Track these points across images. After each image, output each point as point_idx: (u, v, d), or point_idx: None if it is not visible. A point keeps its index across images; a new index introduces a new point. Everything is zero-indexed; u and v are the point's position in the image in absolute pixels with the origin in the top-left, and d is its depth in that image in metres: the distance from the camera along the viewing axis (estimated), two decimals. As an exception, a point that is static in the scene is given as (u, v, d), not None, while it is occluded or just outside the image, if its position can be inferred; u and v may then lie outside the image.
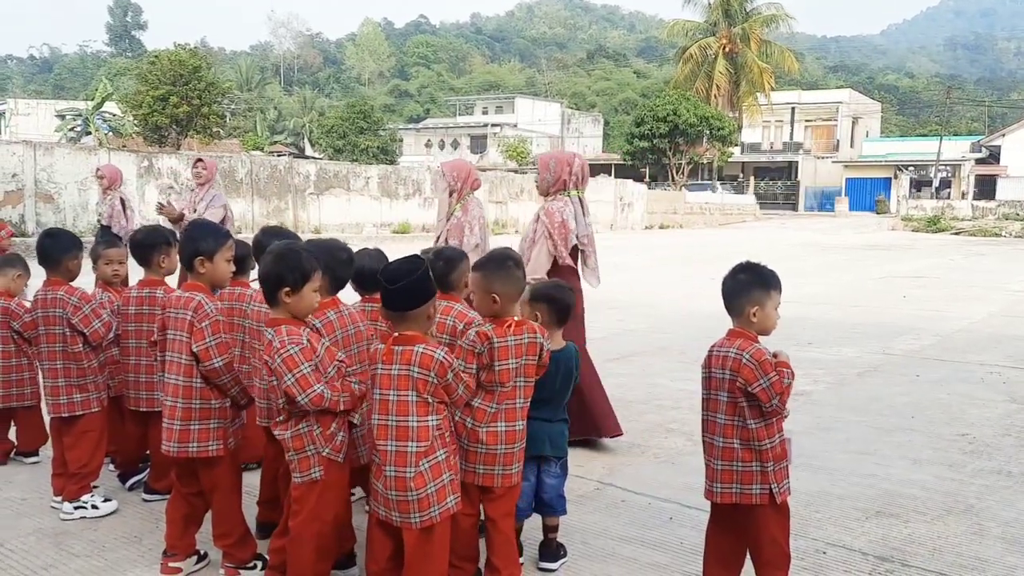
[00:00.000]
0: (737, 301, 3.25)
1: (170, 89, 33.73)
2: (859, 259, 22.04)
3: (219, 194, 7.69)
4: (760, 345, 3.19)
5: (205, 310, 3.37)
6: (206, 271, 3.47)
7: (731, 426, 3.21)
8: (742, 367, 3.12)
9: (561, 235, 5.12)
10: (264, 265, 3.10)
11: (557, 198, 5.21)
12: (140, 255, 4.14)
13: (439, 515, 2.94)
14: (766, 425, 3.18)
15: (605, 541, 3.93)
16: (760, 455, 3.17)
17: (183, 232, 3.56)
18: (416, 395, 2.90)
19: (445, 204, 5.36)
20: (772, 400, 3.11)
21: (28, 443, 4.93)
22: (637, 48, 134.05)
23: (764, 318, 3.22)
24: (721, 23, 53.04)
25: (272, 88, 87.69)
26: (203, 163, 7.74)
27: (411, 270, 2.91)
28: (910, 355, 8.67)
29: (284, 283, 3.02)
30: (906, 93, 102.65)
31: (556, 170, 5.19)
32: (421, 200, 29.36)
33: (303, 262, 3.06)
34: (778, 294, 3.26)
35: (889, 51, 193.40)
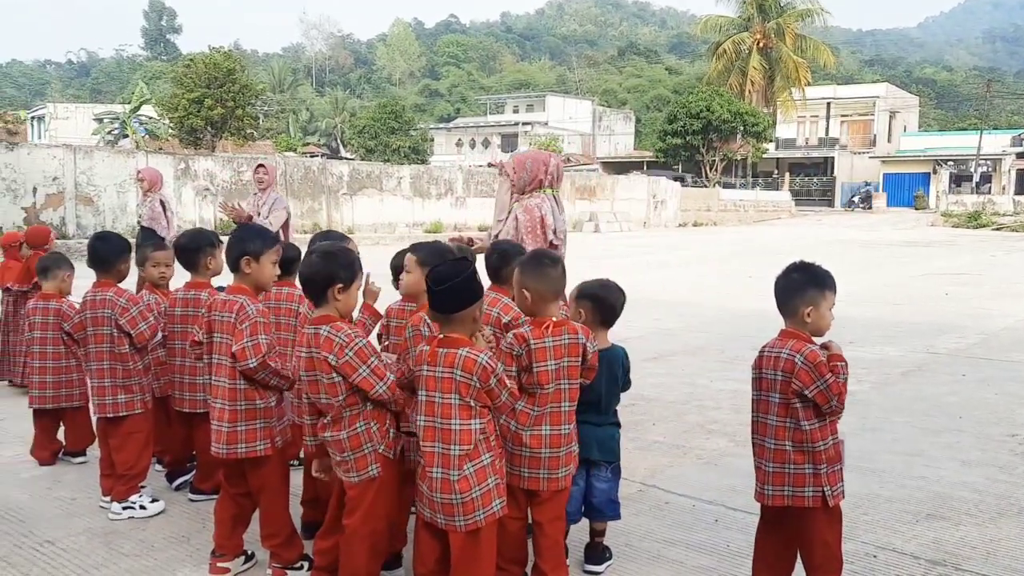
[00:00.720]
0: (791, 301, 3.19)
1: (205, 92, 34.10)
2: (899, 256, 21.71)
3: (280, 197, 7.89)
4: (814, 346, 3.13)
5: (246, 311, 3.39)
6: (251, 272, 3.49)
7: (783, 428, 3.16)
8: (797, 370, 3.07)
9: (541, 231, 5.13)
10: (311, 264, 3.11)
11: (533, 195, 5.21)
12: (187, 258, 4.18)
13: (484, 519, 2.93)
14: (820, 427, 3.13)
15: (650, 544, 3.89)
16: (813, 457, 3.12)
17: (232, 233, 3.58)
18: (459, 398, 2.89)
19: (505, 204, 5.37)
20: (831, 402, 3.06)
21: (76, 443, 5.00)
22: (668, 44, 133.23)
23: (818, 318, 3.17)
24: (755, 18, 52.49)
25: (304, 89, 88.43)
26: (264, 168, 7.92)
27: (457, 272, 2.89)
28: (955, 354, 8.51)
29: (336, 280, 3.06)
30: (944, 87, 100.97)
31: (533, 169, 5.21)
32: (453, 199, 29.44)
33: (353, 260, 3.12)
34: (832, 294, 3.20)
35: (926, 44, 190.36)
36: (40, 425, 4.95)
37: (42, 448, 4.94)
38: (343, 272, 3.08)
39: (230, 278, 3.64)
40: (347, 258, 3.12)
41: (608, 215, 34.16)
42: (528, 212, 5.03)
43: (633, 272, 15.89)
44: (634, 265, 18.46)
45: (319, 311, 3.13)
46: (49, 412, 4.91)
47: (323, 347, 3.03)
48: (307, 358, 3.10)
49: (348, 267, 3.10)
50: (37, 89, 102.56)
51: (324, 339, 3.04)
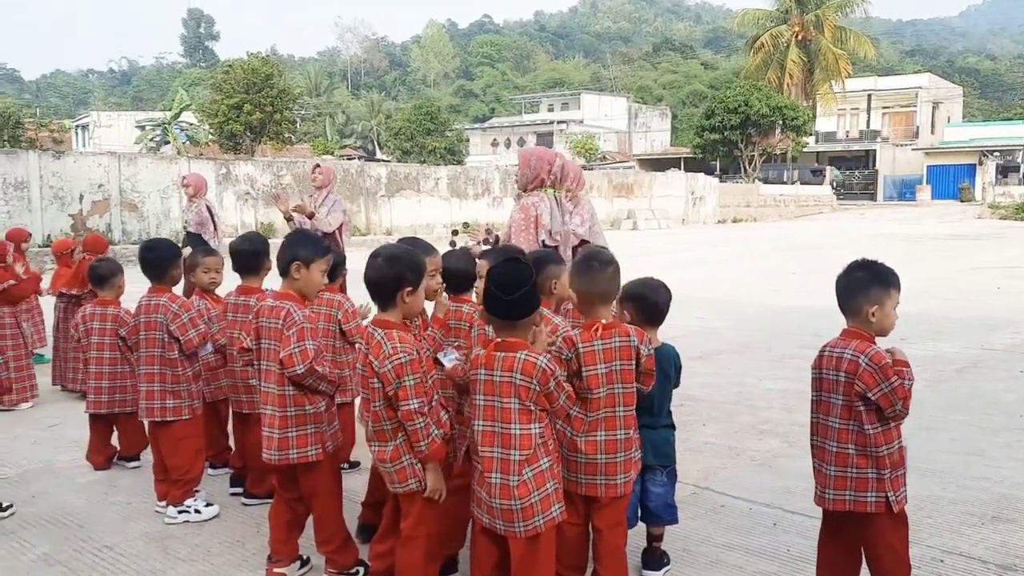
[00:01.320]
0: (854, 300, 3.11)
1: (244, 97, 34.51)
2: (946, 250, 21.26)
3: (338, 199, 7.84)
4: (878, 347, 3.05)
5: (293, 317, 3.38)
6: (300, 278, 3.48)
7: (846, 431, 3.08)
8: (861, 371, 2.99)
9: (533, 230, 5.04)
10: (378, 268, 3.09)
11: (533, 194, 5.14)
12: (246, 261, 4.22)
13: (543, 524, 2.89)
14: (884, 431, 3.04)
15: (708, 548, 3.83)
16: (877, 461, 3.03)
17: (285, 238, 3.58)
18: (518, 402, 2.86)
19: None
20: (895, 405, 2.97)
21: (129, 448, 5.07)
22: (704, 39, 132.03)
23: (883, 318, 3.08)
24: (793, 10, 51.79)
25: (340, 93, 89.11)
26: (320, 168, 7.91)
27: (525, 279, 2.86)
28: (1011, 350, 8.29)
29: (405, 283, 3.06)
30: (988, 76, 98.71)
31: (536, 167, 5.14)
32: (490, 199, 29.48)
33: (419, 263, 3.12)
34: (897, 292, 3.11)
35: (968, 33, 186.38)
36: (95, 430, 5.02)
37: (97, 453, 5.01)
38: (410, 275, 3.08)
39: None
40: (413, 260, 3.12)
41: (646, 212, 33.96)
42: (523, 211, 5.01)
43: (673, 269, 15.74)
44: (673, 262, 18.31)
45: (382, 314, 3.12)
46: (104, 417, 4.98)
47: (372, 349, 3.04)
48: (364, 354, 3.13)
49: (415, 269, 3.10)
50: (80, 98, 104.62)
51: (375, 342, 3.04)
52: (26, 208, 18.55)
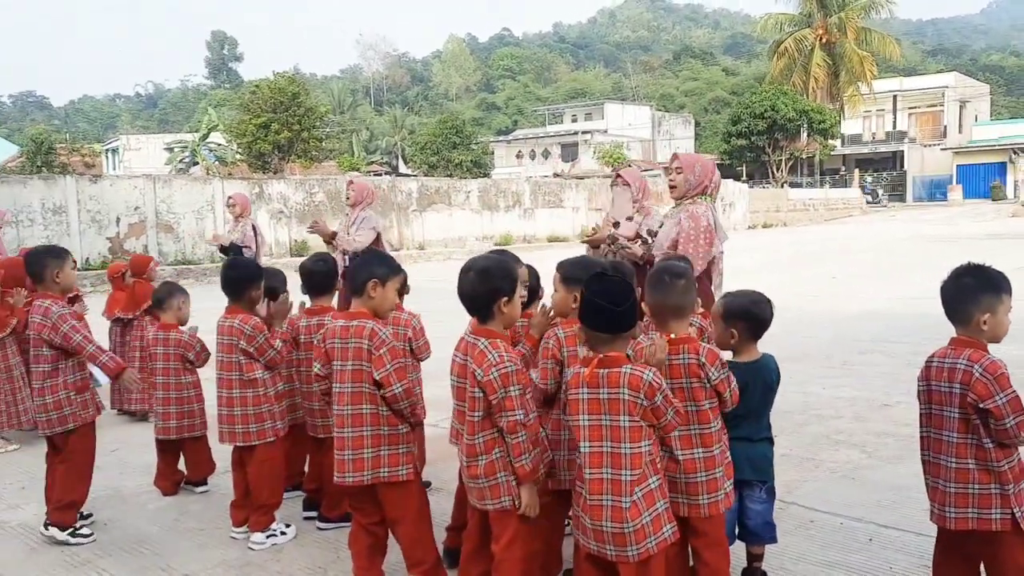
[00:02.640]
0: (964, 307, 2.97)
1: (271, 116, 34.78)
2: (988, 250, 20.85)
3: (370, 215, 7.51)
4: (994, 357, 2.91)
5: (380, 337, 3.31)
6: (376, 296, 3.42)
7: (965, 445, 2.94)
8: (974, 381, 2.85)
9: (707, 240, 4.86)
10: (471, 283, 3.06)
11: (697, 202, 4.94)
12: (319, 282, 4.21)
13: (656, 546, 2.78)
14: (1003, 444, 2.90)
15: (807, 566, 3.69)
16: (999, 476, 2.89)
17: (360, 257, 3.50)
18: (628, 419, 2.75)
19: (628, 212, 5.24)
20: (1006, 419, 2.82)
21: (197, 472, 5.01)
22: (723, 45, 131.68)
23: (996, 325, 2.94)
24: (816, 14, 51.43)
25: (363, 109, 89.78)
26: (353, 184, 7.74)
27: (629, 291, 2.77)
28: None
29: (501, 294, 3.03)
30: (1013, 73, 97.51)
31: (701, 174, 4.93)
32: (521, 211, 29.42)
33: (510, 271, 3.09)
34: (1009, 297, 2.97)
35: (991, 30, 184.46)
36: (163, 455, 4.97)
37: (165, 478, 4.96)
38: (505, 284, 3.05)
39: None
40: (504, 270, 3.08)
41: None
42: (694, 219, 4.81)
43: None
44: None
45: (482, 325, 3.08)
46: (172, 442, 4.92)
47: (475, 359, 2.98)
48: (460, 364, 3.07)
49: (507, 278, 3.07)
50: (108, 122, 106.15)
51: (479, 352, 2.98)
52: (64, 232, 18.72)
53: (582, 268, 3.33)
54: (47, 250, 4.32)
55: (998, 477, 2.89)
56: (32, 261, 4.28)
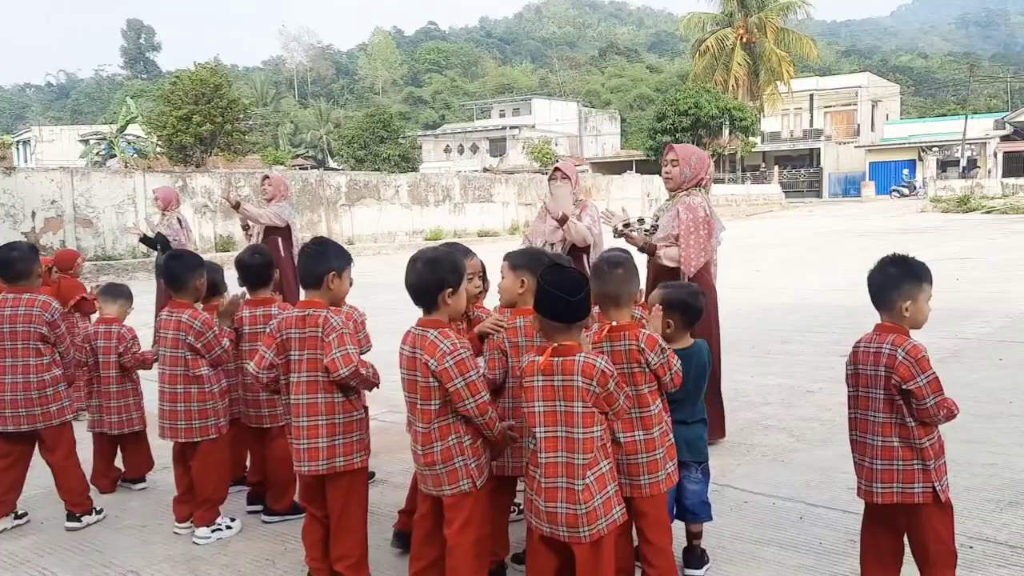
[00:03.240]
0: (888, 295, 3.16)
1: (193, 108, 34.00)
2: (898, 243, 21.77)
3: (286, 207, 7.62)
4: (916, 341, 3.11)
5: (332, 323, 3.35)
6: (335, 287, 3.45)
7: (889, 424, 3.13)
8: (897, 364, 3.05)
9: (707, 231, 4.96)
10: (418, 272, 3.11)
11: (692, 194, 5.02)
12: (255, 275, 4.18)
13: (607, 527, 2.89)
14: (924, 423, 3.11)
15: (742, 544, 3.86)
16: (921, 453, 3.09)
17: (310, 251, 3.50)
18: (582, 405, 2.85)
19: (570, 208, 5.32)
20: (927, 399, 3.03)
21: (136, 470, 4.94)
22: (647, 43, 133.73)
23: (917, 312, 3.14)
24: (737, 13, 52.73)
25: (287, 102, 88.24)
26: (269, 179, 7.71)
27: (584, 281, 2.88)
28: (984, 339, 8.53)
29: (446, 285, 3.08)
30: (921, 73, 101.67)
31: (696, 166, 5.02)
32: (451, 206, 29.42)
33: (458, 264, 3.15)
34: (930, 286, 3.17)
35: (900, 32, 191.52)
36: (101, 453, 4.88)
37: (102, 476, 4.87)
38: (451, 276, 3.11)
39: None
40: (451, 262, 3.14)
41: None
42: (692, 211, 4.89)
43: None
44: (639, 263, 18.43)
45: (428, 316, 3.13)
46: (112, 439, 4.84)
47: (426, 350, 3.03)
48: (409, 357, 3.11)
49: (454, 270, 3.13)
50: (17, 113, 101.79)
51: (429, 342, 3.03)
52: (-25, 227, 17.97)
53: (530, 256, 3.44)
54: None
55: (920, 453, 3.10)
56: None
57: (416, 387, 3.11)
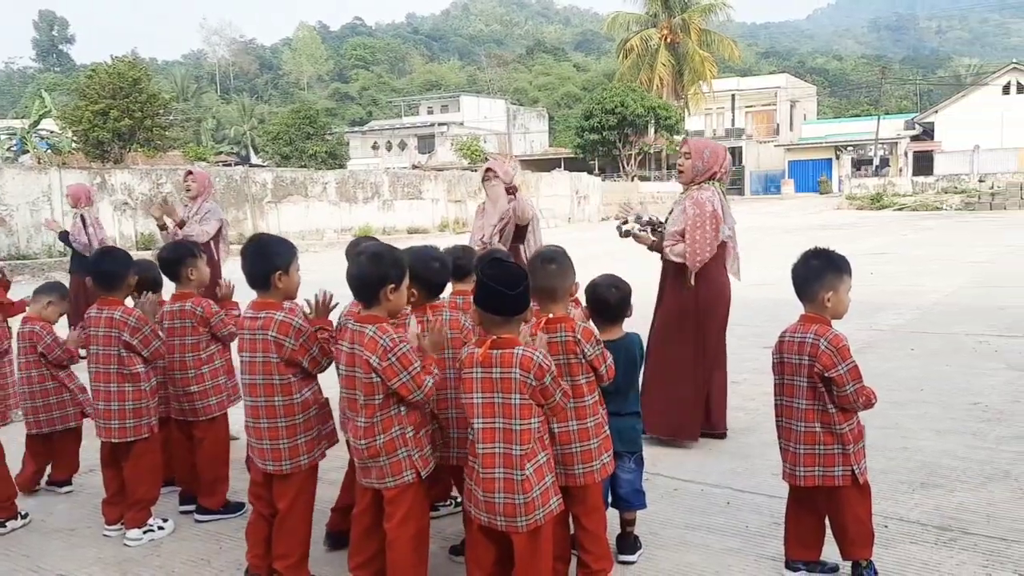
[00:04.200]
0: (810, 286, 3.32)
1: (110, 103, 32.89)
2: (817, 239, 22.28)
3: (214, 207, 7.32)
4: (837, 331, 3.27)
5: (294, 326, 3.34)
6: (283, 285, 3.43)
7: (812, 410, 3.30)
8: (820, 352, 3.20)
9: (713, 225, 4.95)
10: (361, 266, 3.11)
11: (703, 187, 5.03)
12: (169, 270, 4.19)
13: (544, 517, 2.96)
14: (844, 409, 3.28)
15: (673, 530, 3.99)
16: (841, 438, 3.26)
17: (250, 250, 3.46)
18: (520, 397, 2.91)
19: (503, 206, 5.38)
20: (847, 386, 3.19)
21: (64, 471, 4.82)
22: (574, 42, 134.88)
23: (838, 303, 3.31)
24: (661, 14, 53.60)
25: (209, 97, 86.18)
26: (192, 175, 7.44)
27: (523, 276, 2.94)
28: (897, 330, 8.92)
29: (389, 280, 3.08)
30: (836, 75, 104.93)
31: (709, 160, 5.01)
32: (380, 203, 29.21)
33: (401, 260, 3.15)
34: (849, 278, 3.34)
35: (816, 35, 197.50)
36: (32, 453, 4.75)
37: (29, 477, 4.73)
38: (394, 272, 3.11)
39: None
40: (395, 258, 3.15)
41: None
42: (698, 205, 4.86)
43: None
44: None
45: (367, 311, 3.13)
46: (45, 438, 4.71)
47: (367, 347, 3.04)
48: (348, 354, 3.13)
49: (397, 266, 3.13)
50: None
51: (369, 339, 3.04)
52: None
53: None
54: None
55: (840, 438, 3.27)
56: None
57: (357, 383, 3.11)
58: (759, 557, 3.67)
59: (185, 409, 4.23)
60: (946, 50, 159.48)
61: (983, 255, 16.32)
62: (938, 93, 76.68)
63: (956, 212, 34.68)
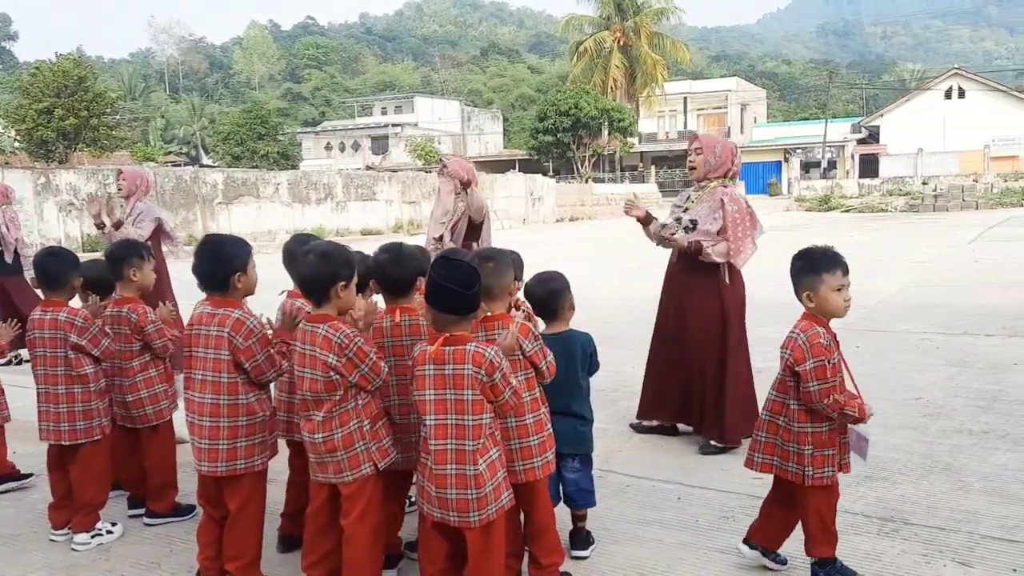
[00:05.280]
0: (794, 287, 3.37)
1: (55, 101, 32.15)
2: (768, 240, 22.87)
3: (150, 207, 7.00)
4: (820, 329, 3.26)
5: (248, 326, 3.32)
6: (242, 285, 3.41)
7: (779, 403, 3.35)
8: (795, 346, 3.24)
9: (752, 222, 4.93)
10: (310, 265, 3.11)
11: (728, 185, 4.98)
12: (113, 267, 4.10)
13: (496, 512, 2.99)
14: (806, 408, 3.27)
15: (625, 525, 4.04)
16: (797, 436, 3.28)
17: (205, 253, 3.42)
18: (472, 393, 2.93)
19: (449, 206, 5.38)
20: (810, 383, 3.18)
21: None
22: (528, 44, 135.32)
23: (821, 301, 3.30)
24: (614, 17, 54.11)
25: (158, 96, 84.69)
26: (123, 174, 7.23)
27: (477, 274, 2.95)
28: (844, 328, 8.98)
29: (339, 279, 3.09)
30: (785, 79, 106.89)
31: (722, 156, 4.97)
32: (333, 204, 28.98)
33: (350, 257, 3.16)
34: (832, 276, 3.29)
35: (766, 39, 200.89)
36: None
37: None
38: (343, 270, 3.12)
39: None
40: (344, 256, 3.15)
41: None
42: (736, 202, 4.83)
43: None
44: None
45: (318, 310, 3.14)
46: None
47: (322, 346, 3.05)
48: (300, 354, 3.12)
49: (347, 264, 3.14)
50: None
51: (322, 338, 3.05)
52: None
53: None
54: None
55: (796, 437, 3.29)
56: None
57: (318, 384, 3.09)
58: (709, 550, 3.74)
59: (123, 416, 4.18)
60: (891, 55, 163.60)
61: (926, 255, 16.77)
62: (883, 97, 78.60)
63: (901, 214, 35.54)
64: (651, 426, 5.44)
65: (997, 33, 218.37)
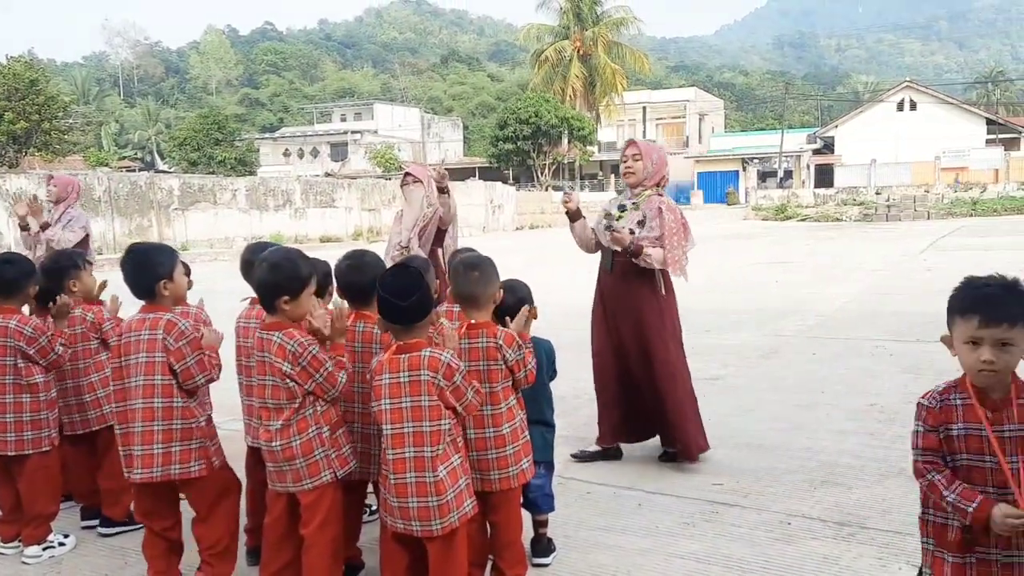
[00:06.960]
0: None
1: (5, 105, 31.58)
2: (725, 248, 23.13)
3: (78, 214, 6.88)
4: (940, 386, 2.70)
5: (179, 328, 3.29)
6: (169, 291, 3.39)
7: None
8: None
9: (686, 233, 4.91)
10: (259, 274, 3.11)
11: (663, 194, 4.97)
12: (52, 281, 4.04)
13: (458, 520, 2.98)
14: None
15: (587, 532, 4.05)
16: None
17: (132, 263, 3.38)
18: (429, 399, 2.92)
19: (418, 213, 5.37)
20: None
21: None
22: (488, 52, 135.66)
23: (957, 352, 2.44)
24: (573, 27, 54.46)
25: (112, 100, 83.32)
26: (54, 180, 7.08)
27: (417, 283, 2.94)
28: (800, 335, 9.26)
29: (281, 292, 3.07)
30: (742, 90, 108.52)
31: (658, 162, 4.95)
32: (292, 211, 28.72)
33: (298, 271, 3.12)
34: (968, 322, 2.34)
35: (723, 50, 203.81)
36: None
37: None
38: (287, 283, 3.09)
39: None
40: (292, 270, 3.12)
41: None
42: (672, 212, 4.81)
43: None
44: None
45: (271, 318, 3.14)
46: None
47: (276, 354, 3.04)
48: (260, 362, 3.10)
49: (294, 279, 3.11)
50: None
51: (277, 346, 3.04)
52: None
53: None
54: None
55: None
56: None
57: (269, 390, 3.09)
58: (669, 556, 3.76)
59: (76, 421, 4.11)
60: (845, 67, 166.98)
61: (879, 264, 17.08)
62: (838, 108, 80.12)
63: (855, 223, 36.13)
64: (595, 452, 5.31)
65: (947, 47, 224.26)
